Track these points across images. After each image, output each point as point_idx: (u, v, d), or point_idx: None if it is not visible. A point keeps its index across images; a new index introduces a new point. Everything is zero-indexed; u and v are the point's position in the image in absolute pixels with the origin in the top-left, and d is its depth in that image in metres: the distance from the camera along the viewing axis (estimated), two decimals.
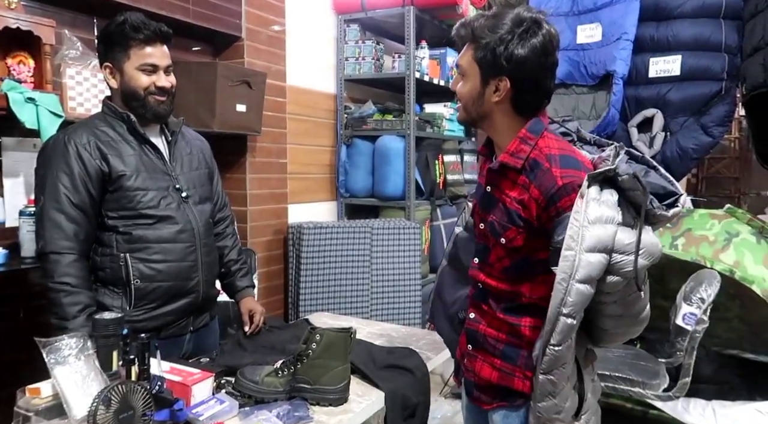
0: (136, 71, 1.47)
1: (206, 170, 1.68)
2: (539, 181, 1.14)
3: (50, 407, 1.17)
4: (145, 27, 1.45)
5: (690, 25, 2.80)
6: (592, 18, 3.00)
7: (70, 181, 1.41)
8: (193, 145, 1.66)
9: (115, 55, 1.47)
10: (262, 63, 2.67)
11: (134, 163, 1.47)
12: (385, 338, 1.81)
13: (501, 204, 1.21)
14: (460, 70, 1.22)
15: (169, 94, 1.52)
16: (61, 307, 1.38)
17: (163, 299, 1.49)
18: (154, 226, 1.47)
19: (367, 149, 3.22)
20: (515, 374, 1.22)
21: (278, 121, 2.82)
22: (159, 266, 1.47)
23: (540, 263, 1.17)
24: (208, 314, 1.66)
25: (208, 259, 1.59)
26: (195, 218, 1.55)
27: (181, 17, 2.20)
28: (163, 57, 1.50)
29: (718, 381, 2.61)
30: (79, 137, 1.44)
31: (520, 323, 1.21)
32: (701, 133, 2.84)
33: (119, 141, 1.48)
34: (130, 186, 1.45)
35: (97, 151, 1.44)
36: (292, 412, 1.25)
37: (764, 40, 2.42)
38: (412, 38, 3.03)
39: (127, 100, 1.49)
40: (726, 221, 2.45)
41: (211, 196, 1.68)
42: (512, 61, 1.13)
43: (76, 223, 1.42)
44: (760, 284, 2.22)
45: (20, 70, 1.71)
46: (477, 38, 1.15)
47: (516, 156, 1.18)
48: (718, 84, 2.79)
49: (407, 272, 2.89)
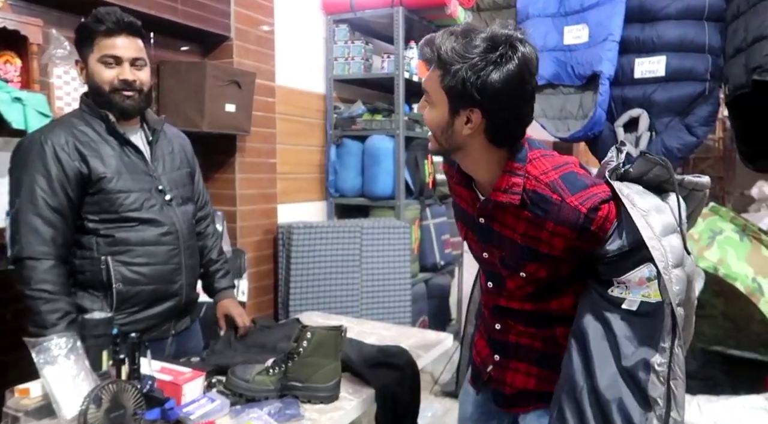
0: (98, 64, 1.39)
1: (188, 169, 1.64)
2: (559, 218, 1.04)
3: (40, 408, 1.17)
4: (107, 17, 1.37)
5: (674, 26, 2.84)
6: (579, 19, 3.03)
7: (48, 184, 1.35)
8: (175, 144, 1.61)
9: (83, 49, 1.41)
10: (251, 63, 2.67)
11: (115, 165, 1.42)
12: (376, 337, 1.82)
13: (507, 240, 1.12)
14: (425, 94, 1.09)
15: (137, 90, 1.43)
16: (39, 315, 1.32)
17: (145, 302, 1.46)
18: (137, 228, 1.43)
19: (356, 149, 3.23)
20: (553, 381, 1.15)
21: (268, 121, 2.82)
22: (142, 270, 1.44)
23: (565, 278, 1.13)
24: (189, 317, 1.64)
25: (190, 261, 1.56)
26: (179, 220, 1.52)
27: (169, 17, 2.19)
28: (128, 49, 1.40)
29: (703, 377, 2.65)
30: (57, 137, 1.37)
31: (554, 333, 1.18)
32: (686, 133, 2.88)
33: (99, 141, 1.42)
34: (112, 188, 1.40)
35: (76, 153, 1.38)
36: (284, 410, 1.25)
37: (746, 41, 2.47)
38: (401, 38, 3.04)
39: (93, 96, 1.43)
40: (710, 219, 2.49)
41: (193, 196, 1.64)
42: (485, 91, 0.99)
43: (53, 227, 1.36)
44: (743, 281, 2.26)
45: (7, 70, 1.70)
46: (444, 63, 1.01)
47: (510, 192, 1.07)
48: (702, 84, 2.83)
49: (397, 271, 2.90)
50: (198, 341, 1.71)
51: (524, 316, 1.20)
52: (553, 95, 3.18)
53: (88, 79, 1.42)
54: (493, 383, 1.31)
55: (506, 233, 1.12)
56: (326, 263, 2.75)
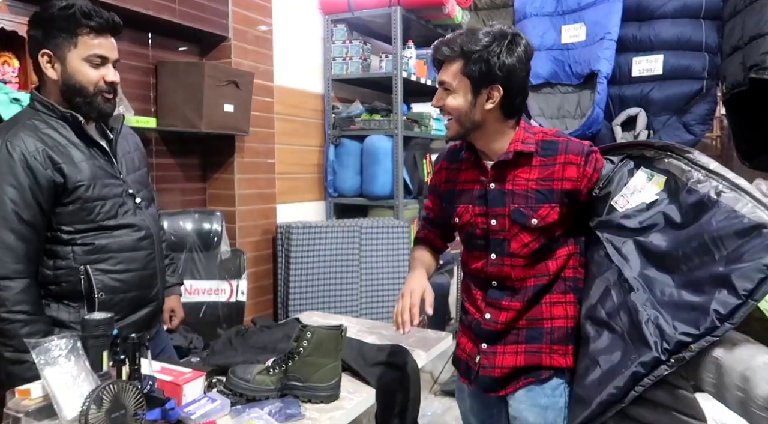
0: (83, 63, 1.30)
1: (145, 168, 1.56)
2: (568, 149, 1.30)
3: (40, 408, 1.17)
4: (97, 14, 1.29)
5: (671, 25, 2.85)
6: (576, 18, 3.03)
7: (20, 195, 1.24)
8: (130, 142, 1.52)
9: (58, 41, 1.29)
10: (249, 63, 2.67)
11: (88, 171, 1.32)
12: (375, 336, 1.83)
13: (521, 192, 1.31)
14: (444, 86, 1.29)
15: (115, 92, 1.38)
16: (17, 338, 1.23)
17: (126, 310, 1.40)
18: (115, 234, 1.36)
19: (355, 149, 3.24)
20: (542, 351, 1.33)
21: (266, 121, 2.82)
22: (122, 276, 1.37)
23: (559, 238, 1.33)
24: (158, 321, 1.60)
25: (161, 264, 1.51)
26: (150, 223, 1.46)
27: (167, 17, 2.19)
28: (113, 49, 1.34)
29: None
30: (24, 144, 1.25)
31: (541, 303, 1.34)
32: (683, 131, 2.89)
33: (67, 145, 1.31)
34: (89, 197, 1.31)
35: (48, 160, 1.27)
36: (284, 409, 1.25)
37: (743, 39, 2.47)
38: (399, 38, 3.04)
39: (69, 95, 1.31)
40: None
41: (153, 197, 1.56)
42: (504, 69, 1.23)
43: (27, 242, 1.26)
44: None
45: (5, 71, 1.70)
46: (466, 53, 1.23)
47: (527, 143, 1.31)
48: (699, 83, 2.84)
49: (396, 270, 2.90)
50: (167, 341, 1.68)
51: (517, 292, 1.34)
52: (550, 94, 3.18)
53: (63, 76, 1.30)
54: (483, 370, 1.37)
55: (520, 186, 1.31)
56: (325, 263, 2.75)
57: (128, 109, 2.05)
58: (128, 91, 2.12)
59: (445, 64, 1.28)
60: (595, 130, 3.02)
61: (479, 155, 1.38)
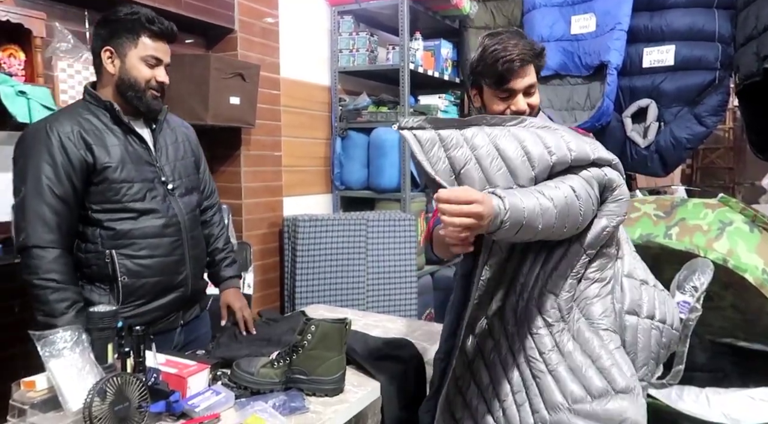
0: (140, 61, 1.45)
1: (192, 158, 1.65)
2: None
3: (45, 400, 1.18)
4: (158, 21, 1.47)
5: (683, 14, 2.80)
6: (586, 8, 2.99)
7: (53, 172, 1.36)
8: (179, 133, 1.63)
9: (122, 40, 1.44)
10: (255, 55, 2.66)
11: (119, 154, 1.43)
12: (381, 329, 1.82)
13: None
14: (532, 89, 1.34)
15: (163, 92, 1.52)
16: (47, 304, 1.34)
17: (150, 294, 1.47)
18: (138, 220, 1.44)
19: (362, 141, 3.22)
20: None
21: (272, 113, 2.81)
22: (145, 262, 1.44)
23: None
24: (198, 306, 1.65)
25: (195, 252, 1.57)
26: (180, 210, 1.53)
27: (173, 9, 2.18)
28: (167, 54, 1.50)
29: (712, 369, 2.63)
30: (62, 126, 1.39)
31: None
32: (695, 123, 2.85)
33: (104, 130, 1.43)
34: (116, 178, 1.41)
35: (82, 141, 1.39)
36: (288, 403, 1.25)
37: (757, 29, 2.43)
38: (406, 30, 3.02)
39: (123, 88, 1.45)
40: (719, 210, 2.46)
41: (198, 185, 1.66)
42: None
43: (59, 215, 1.37)
44: (753, 273, 2.23)
45: (11, 64, 1.70)
46: (535, 55, 1.32)
47: None
48: (712, 73, 2.79)
49: (403, 263, 2.89)
50: (207, 329, 1.73)
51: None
52: (560, 86, 3.15)
53: (121, 71, 1.45)
54: None
55: None
56: (332, 256, 2.74)
57: None
58: None
59: (526, 70, 1.31)
60: (605, 123, 2.98)
61: None
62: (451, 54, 3.57)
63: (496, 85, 1.31)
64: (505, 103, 1.33)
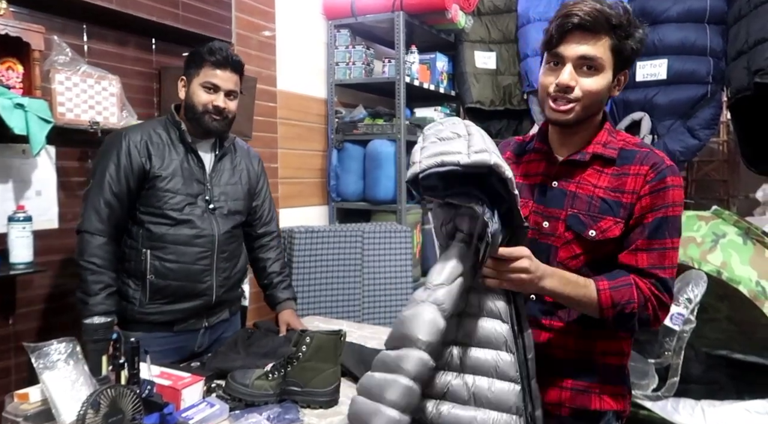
0: (199, 87, 1.62)
1: (247, 187, 1.79)
2: (643, 159, 1.12)
3: (39, 412, 1.17)
4: (218, 52, 1.62)
5: (676, 29, 2.84)
6: None
7: (116, 172, 1.57)
8: (242, 161, 1.79)
9: (190, 70, 1.64)
10: (252, 68, 2.68)
11: (173, 168, 1.61)
12: (377, 341, 1.82)
13: (585, 197, 1.14)
14: (590, 62, 1.08)
15: (224, 116, 1.65)
16: (85, 283, 1.52)
17: (174, 296, 1.61)
18: (174, 227, 1.59)
19: (358, 153, 3.23)
20: (591, 391, 1.15)
21: (269, 125, 2.83)
22: (171, 265, 1.59)
23: (615, 259, 1.13)
24: (227, 311, 1.77)
25: (225, 265, 1.69)
26: (217, 227, 1.66)
27: (171, 23, 2.20)
28: (227, 81, 1.64)
29: (707, 381, 2.63)
30: (134, 135, 1.60)
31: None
32: (688, 136, 2.88)
33: (168, 144, 1.63)
34: (162, 187, 1.59)
35: (145, 150, 1.59)
36: (283, 415, 1.25)
37: (747, 44, 2.46)
38: (401, 43, 3.05)
39: (187, 111, 1.65)
40: (713, 222, 2.48)
41: (243, 210, 1.78)
42: (637, 55, 1.11)
43: (112, 208, 1.56)
44: (747, 284, 2.25)
45: (9, 76, 1.71)
46: (620, 26, 1.06)
47: (609, 147, 1.15)
48: (704, 87, 2.83)
49: (399, 275, 2.89)
50: (235, 331, 1.81)
51: (559, 310, 1.17)
52: None
53: (186, 96, 1.65)
54: None
55: (584, 191, 1.15)
56: (328, 267, 2.74)
57: (131, 115, 2.06)
58: (132, 96, 2.13)
59: (592, 36, 1.05)
60: None
61: (551, 148, 1.22)
62: (447, 67, 3.61)
63: (546, 47, 1.11)
64: (553, 75, 1.10)
